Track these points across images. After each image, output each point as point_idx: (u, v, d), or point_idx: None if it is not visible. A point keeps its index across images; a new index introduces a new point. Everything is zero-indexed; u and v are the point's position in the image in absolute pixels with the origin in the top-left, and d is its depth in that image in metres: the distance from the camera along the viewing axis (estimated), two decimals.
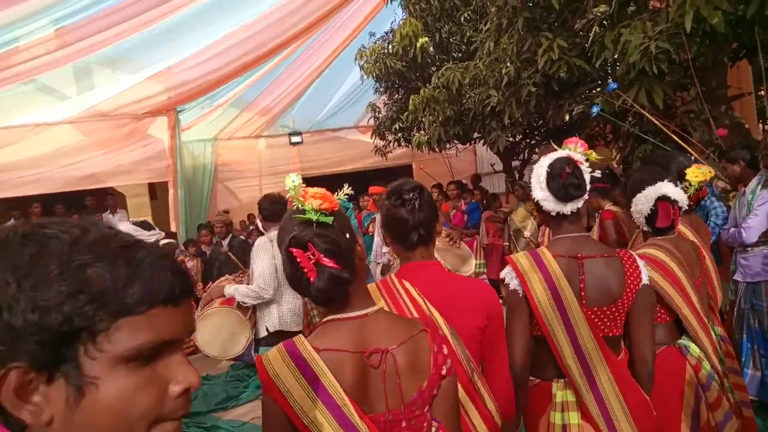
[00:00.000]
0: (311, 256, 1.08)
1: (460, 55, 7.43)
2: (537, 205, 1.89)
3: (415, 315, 1.50)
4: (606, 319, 1.79)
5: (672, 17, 3.48)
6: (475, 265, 4.56)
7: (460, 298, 1.58)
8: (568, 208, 1.81)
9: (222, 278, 4.23)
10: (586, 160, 1.86)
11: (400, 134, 8.46)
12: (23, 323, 0.55)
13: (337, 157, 11.72)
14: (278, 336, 3.60)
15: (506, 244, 6.69)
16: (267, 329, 3.62)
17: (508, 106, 5.38)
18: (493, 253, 7.04)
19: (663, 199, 2.24)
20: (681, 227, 2.51)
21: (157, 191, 10.30)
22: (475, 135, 7.60)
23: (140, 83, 8.43)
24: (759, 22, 3.61)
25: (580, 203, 1.82)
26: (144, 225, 4.25)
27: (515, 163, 8.44)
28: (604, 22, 4.23)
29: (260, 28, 8.16)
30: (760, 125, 5.72)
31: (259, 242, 3.64)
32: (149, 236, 4.18)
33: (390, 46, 7.58)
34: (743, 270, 3.76)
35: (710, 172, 2.73)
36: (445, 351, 1.22)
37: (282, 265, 1.16)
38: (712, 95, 4.32)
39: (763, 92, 5.45)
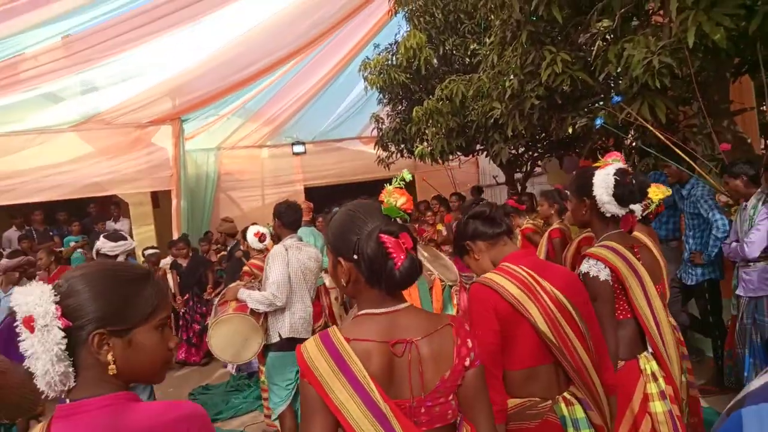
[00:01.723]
0: (403, 243, 1.24)
1: (463, 67, 7.47)
2: (592, 207, 2.17)
3: (544, 297, 1.73)
4: (662, 294, 2.20)
5: (675, 32, 3.51)
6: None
7: (567, 279, 1.87)
8: (623, 212, 2.15)
9: (236, 282, 4.28)
10: None
11: (402, 145, 8.48)
12: None
13: (340, 168, 11.74)
14: (289, 342, 3.70)
15: None
16: (279, 335, 3.69)
17: (511, 118, 5.40)
18: None
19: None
20: (640, 235, 2.78)
21: (160, 200, 10.32)
22: (478, 147, 7.62)
23: (145, 92, 8.49)
24: (761, 37, 3.63)
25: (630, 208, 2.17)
26: (112, 237, 4.09)
27: (518, 175, 8.45)
28: (607, 37, 4.26)
29: (265, 39, 8.22)
30: (763, 140, 5.73)
31: (275, 251, 3.71)
32: (114, 248, 3.97)
33: (394, 58, 7.63)
34: (745, 285, 3.75)
35: (668, 191, 3.04)
36: (470, 344, 1.32)
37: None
38: (714, 110, 4.34)
39: (765, 107, 5.48)
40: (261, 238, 4.74)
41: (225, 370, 6.37)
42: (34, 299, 0.99)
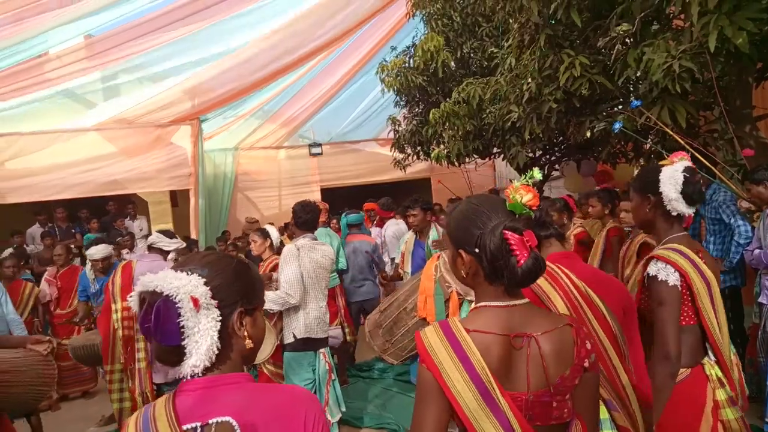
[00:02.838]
0: (527, 241, 1.22)
1: (481, 70, 7.45)
2: (657, 204, 2.08)
3: (576, 294, 1.75)
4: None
5: (696, 36, 3.47)
6: None
7: (606, 282, 1.87)
8: (690, 211, 2.07)
9: None
10: None
11: (419, 148, 8.48)
12: None
13: (356, 170, 11.78)
14: (304, 342, 3.69)
15: None
16: (294, 335, 3.67)
17: (529, 121, 5.37)
18: None
19: None
20: None
21: (178, 199, 10.44)
22: (495, 150, 7.59)
23: (165, 92, 8.61)
24: None
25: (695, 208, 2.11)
26: (167, 234, 4.42)
27: None
28: (627, 41, 4.21)
29: (284, 40, 8.29)
30: None
31: (287, 250, 3.72)
32: (170, 244, 4.32)
33: (411, 61, 7.64)
34: None
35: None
36: (589, 346, 1.31)
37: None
38: (736, 115, 4.27)
39: None
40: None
41: None
42: (187, 282, 1.06)
